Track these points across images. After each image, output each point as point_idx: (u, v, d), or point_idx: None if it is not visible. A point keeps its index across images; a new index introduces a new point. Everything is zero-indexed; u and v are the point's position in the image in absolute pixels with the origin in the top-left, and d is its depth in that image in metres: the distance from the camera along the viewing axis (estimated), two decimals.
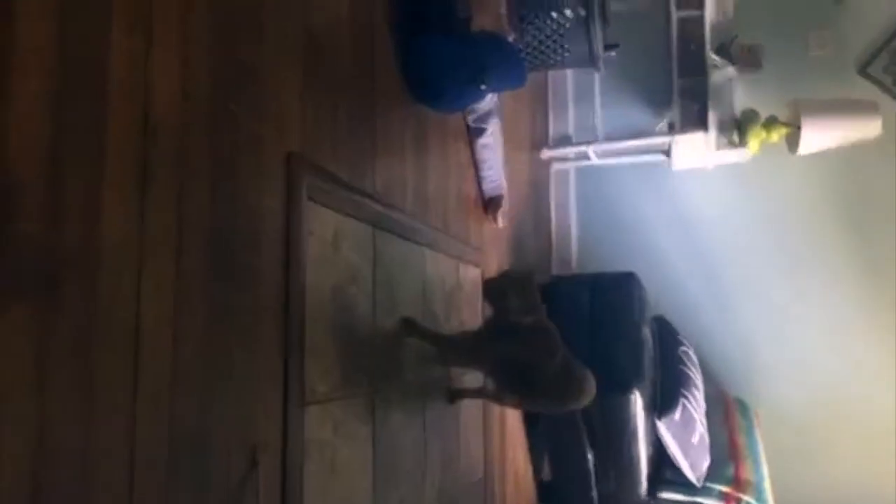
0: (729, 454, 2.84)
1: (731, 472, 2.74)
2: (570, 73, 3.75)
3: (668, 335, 3.10)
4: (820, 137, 3.05)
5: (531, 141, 3.43)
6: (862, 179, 3.41)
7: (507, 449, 2.53)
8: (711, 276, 3.54)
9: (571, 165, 3.71)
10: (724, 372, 3.46)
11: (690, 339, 3.22)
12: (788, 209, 3.51)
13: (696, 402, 2.78)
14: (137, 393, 0.85)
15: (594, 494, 2.66)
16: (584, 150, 3.51)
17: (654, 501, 2.68)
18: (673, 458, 2.64)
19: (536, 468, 2.83)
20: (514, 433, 2.63)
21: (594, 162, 3.57)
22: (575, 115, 3.78)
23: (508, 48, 2.13)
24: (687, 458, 2.62)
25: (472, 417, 2.16)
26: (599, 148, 3.50)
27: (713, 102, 3.22)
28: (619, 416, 2.55)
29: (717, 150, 3.30)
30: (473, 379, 2.09)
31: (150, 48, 0.91)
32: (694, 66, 3.29)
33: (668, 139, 3.37)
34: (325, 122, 1.38)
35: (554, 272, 3.61)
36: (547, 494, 2.84)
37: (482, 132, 2.31)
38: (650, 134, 3.45)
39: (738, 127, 3.29)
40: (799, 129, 3.04)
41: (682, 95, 3.31)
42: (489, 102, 2.25)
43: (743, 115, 3.29)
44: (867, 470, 3.27)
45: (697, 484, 2.65)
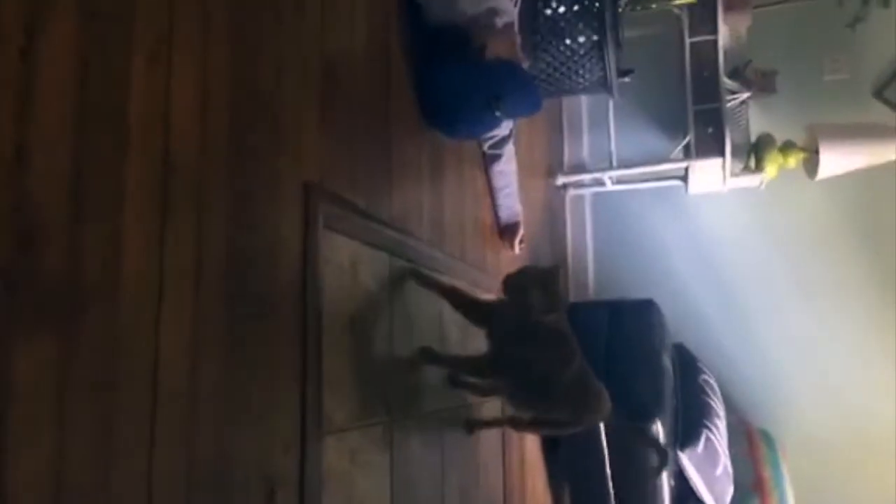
0: (754, 487, 2.77)
1: None
2: (584, 99, 3.76)
3: (688, 363, 3.05)
4: (838, 162, 3.03)
5: (546, 167, 3.43)
6: (880, 203, 3.37)
7: (526, 479, 2.48)
8: (731, 302, 3.49)
9: (587, 191, 3.70)
10: (746, 401, 3.39)
11: (711, 367, 3.17)
12: (807, 233, 3.47)
13: (718, 432, 2.73)
14: (155, 425, 0.84)
15: None
16: (599, 176, 3.51)
17: None
18: (696, 491, 2.57)
19: (556, 499, 2.78)
20: (533, 463, 2.59)
21: (610, 188, 3.56)
22: (590, 140, 3.78)
23: (523, 75, 2.14)
24: (711, 491, 2.56)
25: (490, 447, 2.13)
26: (615, 174, 3.49)
27: (729, 127, 3.21)
28: (639, 447, 2.50)
29: (733, 175, 3.28)
30: (492, 408, 2.06)
31: (169, 82, 0.91)
32: (708, 91, 3.29)
33: (683, 165, 3.35)
34: (341, 150, 1.38)
35: (571, 299, 3.58)
36: None
37: (497, 159, 2.30)
38: (666, 159, 3.44)
39: (754, 152, 3.28)
40: (816, 153, 3.02)
41: (697, 120, 3.30)
42: (504, 129, 2.25)
43: (759, 139, 3.27)
44: None
45: None
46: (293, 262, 1.17)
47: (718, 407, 2.90)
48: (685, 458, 2.55)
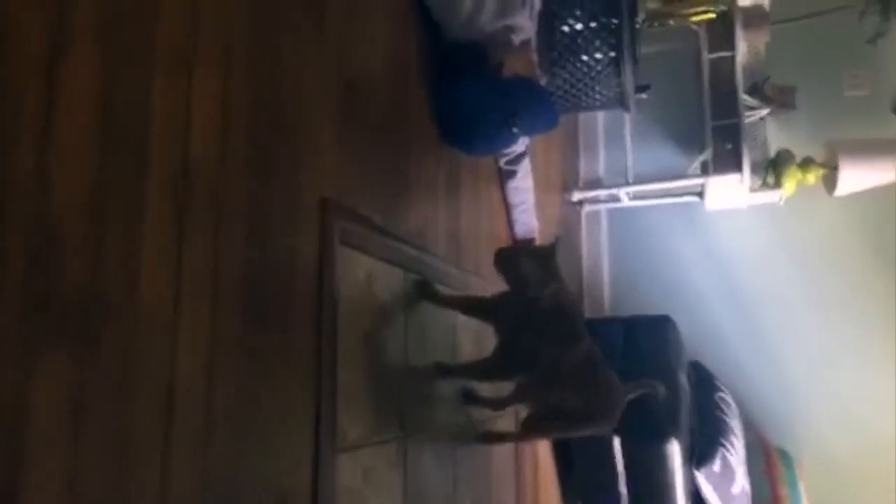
0: None
1: None
2: (601, 114, 3.75)
3: (704, 381, 3.02)
4: (858, 178, 3.00)
5: (562, 182, 3.42)
6: None
7: (540, 497, 2.46)
8: (748, 319, 3.46)
9: (603, 207, 3.68)
10: (763, 419, 3.34)
11: (728, 384, 3.13)
12: (826, 250, 3.43)
13: (735, 451, 2.70)
14: (170, 441, 0.85)
15: None
16: (615, 192, 3.50)
17: None
18: None
19: None
20: (547, 482, 2.57)
21: (626, 204, 3.54)
22: (606, 156, 3.77)
23: (539, 92, 2.14)
24: None
25: (504, 464, 2.11)
26: (631, 190, 3.48)
27: (747, 143, 3.19)
28: (655, 466, 2.47)
29: (751, 191, 3.26)
30: (506, 423, 2.06)
31: (189, 101, 0.93)
32: (726, 106, 3.27)
33: (701, 180, 3.33)
34: (358, 166, 1.38)
35: (587, 315, 3.57)
36: None
37: (514, 175, 2.31)
38: (683, 175, 3.42)
39: (772, 168, 3.25)
40: (836, 169, 2.99)
41: (715, 136, 3.28)
42: (521, 145, 2.25)
43: (777, 155, 3.25)
44: None
45: None
46: (309, 277, 1.18)
47: (735, 425, 2.87)
48: (701, 476, 2.52)
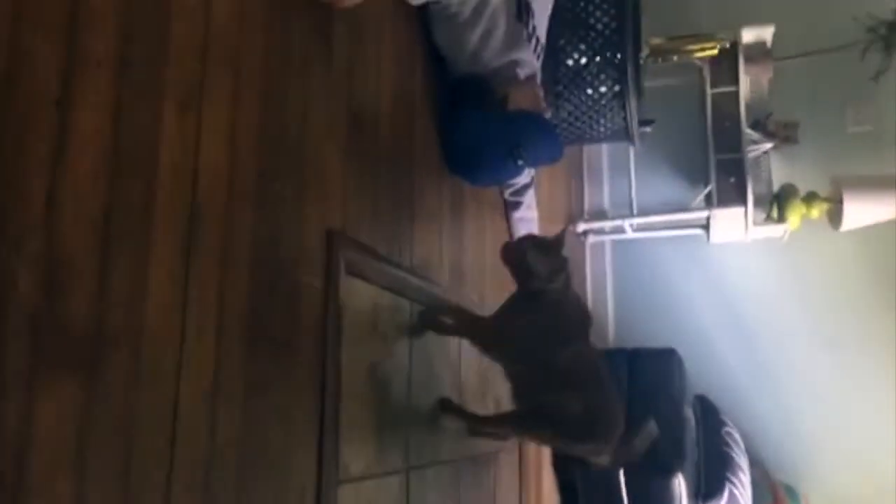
0: None
1: None
2: (605, 146, 3.77)
3: (710, 415, 2.99)
4: (863, 213, 3.00)
5: (567, 213, 3.43)
6: None
7: None
8: (753, 352, 3.43)
9: (607, 238, 3.69)
10: (770, 455, 3.30)
11: (732, 419, 3.10)
12: (831, 285, 3.41)
13: (742, 486, 2.66)
14: (173, 471, 0.84)
15: None
16: (619, 223, 3.50)
17: None
18: None
19: None
20: None
21: (630, 235, 3.55)
22: (610, 188, 3.78)
23: (544, 124, 2.16)
24: None
25: (508, 496, 2.09)
26: (635, 221, 3.48)
27: (751, 177, 3.20)
28: (661, 501, 2.44)
29: (755, 224, 3.26)
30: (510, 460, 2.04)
31: (199, 130, 0.94)
32: (730, 141, 3.29)
33: (705, 213, 3.34)
34: (364, 197, 1.39)
35: None
36: None
37: (518, 206, 2.32)
38: (687, 208, 3.43)
39: (776, 202, 3.26)
40: (840, 203, 3.00)
41: (718, 170, 3.30)
42: (526, 177, 2.27)
43: (781, 190, 3.26)
44: None
45: None
46: (314, 307, 1.18)
47: (742, 460, 2.83)
48: None
